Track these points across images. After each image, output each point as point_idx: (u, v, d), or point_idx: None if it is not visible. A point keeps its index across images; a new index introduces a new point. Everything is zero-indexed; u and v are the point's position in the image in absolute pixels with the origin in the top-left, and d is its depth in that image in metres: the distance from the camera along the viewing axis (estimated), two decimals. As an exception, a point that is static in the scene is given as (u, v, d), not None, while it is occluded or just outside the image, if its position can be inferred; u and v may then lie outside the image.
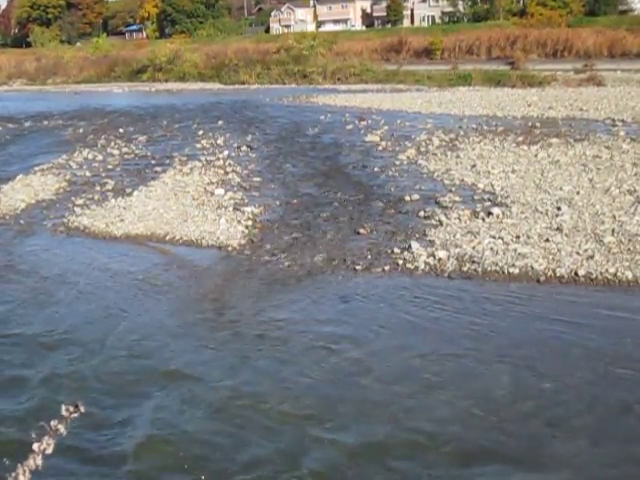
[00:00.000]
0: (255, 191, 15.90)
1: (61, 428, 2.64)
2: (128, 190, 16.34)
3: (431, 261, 10.49)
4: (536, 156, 17.96)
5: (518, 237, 11.23)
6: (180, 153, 21.58)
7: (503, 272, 9.95)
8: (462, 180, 15.70)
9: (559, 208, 12.70)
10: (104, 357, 7.87)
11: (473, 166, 17.14)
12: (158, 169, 19.00)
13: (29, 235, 13.35)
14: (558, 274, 9.73)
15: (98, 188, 16.84)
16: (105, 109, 39.80)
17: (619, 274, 9.57)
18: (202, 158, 20.20)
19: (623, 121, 23.98)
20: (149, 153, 22.19)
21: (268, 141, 24.06)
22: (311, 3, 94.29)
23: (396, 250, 11.06)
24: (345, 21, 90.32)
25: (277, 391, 6.94)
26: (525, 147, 19.34)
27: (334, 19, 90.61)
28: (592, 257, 10.17)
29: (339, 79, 56.40)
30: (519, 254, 10.45)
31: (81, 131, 29.22)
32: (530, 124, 24.59)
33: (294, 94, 45.06)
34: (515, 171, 16.18)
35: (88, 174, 18.86)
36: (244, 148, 22.19)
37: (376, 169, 17.81)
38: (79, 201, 15.50)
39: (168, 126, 29.74)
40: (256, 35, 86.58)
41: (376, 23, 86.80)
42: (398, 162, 18.57)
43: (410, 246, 11.09)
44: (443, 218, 12.59)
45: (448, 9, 79.45)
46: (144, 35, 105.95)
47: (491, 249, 10.74)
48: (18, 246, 12.64)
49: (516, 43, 56.58)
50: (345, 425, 6.33)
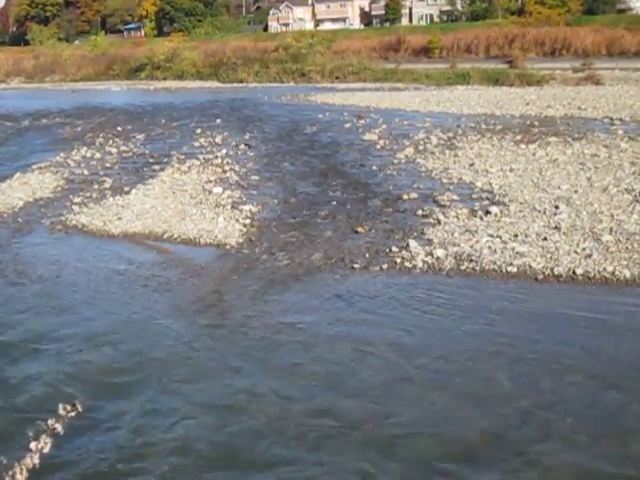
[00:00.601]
0: (253, 189, 15.89)
1: (58, 427, 2.63)
2: (126, 188, 16.32)
3: (429, 260, 10.49)
4: (534, 155, 17.96)
5: (516, 236, 11.23)
6: (178, 151, 21.56)
7: (501, 271, 9.95)
8: (460, 179, 15.70)
9: (557, 207, 12.70)
10: (99, 356, 7.85)
11: (471, 165, 17.14)
12: (156, 167, 18.99)
13: (27, 233, 13.33)
14: (556, 273, 9.74)
15: (96, 186, 16.82)
16: (103, 107, 39.79)
17: (617, 273, 9.58)
18: (200, 156, 20.19)
19: (621, 120, 24.01)
20: (147, 151, 22.17)
21: (266, 139, 24.05)
22: (309, 1, 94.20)
23: (394, 249, 11.06)
24: (343, 20, 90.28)
25: (275, 392, 6.92)
26: (523, 146, 19.34)
27: (332, 17, 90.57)
28: (590, 256, 10.18)
29: (337, 78, 56.44)
30: (517, 253, 10.46)
31: (79, 129, 29.20)
32: (528, 123, 24.61)
33: (292, 92, 45.05)
34: (513, 170, 16.18)
35: (86, 172, 18.84)
36: (242, 146, 22.18)
37: (374, 168, 17.81)
38: (77, 199, 15.48)
39: (166, 124, 29.72)
40: (254, 33, 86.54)
41: (374, 22, 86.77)
42: (396, 161, 18.57)
43: (408, 245, 11.09)
44: (441, 217, 12.59)
45: (446, 8, 79.44)
46: (142, 33, 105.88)
47: (489, 248, 10.74)
48: (15, 245, 12.62)
49: (514, 42, 56.61)
50: (346, 426, 6.33)
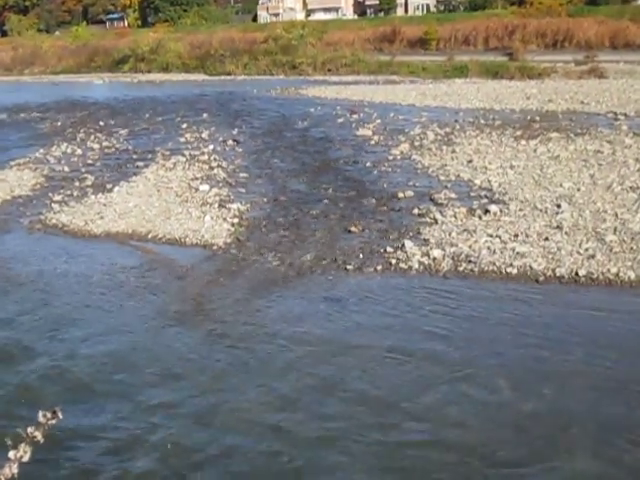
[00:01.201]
0: (241, 187, 15.88)
1: (38, 435, 2.61)
2: (108, 186, 16.29)
3: (425, 260, 10.51)
4: (535, 151, 18.01)
5: (516, 236, 11.26)
6: (163, 147, 21.54)
7: (501, 272, 9.97)
8: (458, 176, 15.73)
9: (559, 205, 12.74)
10: (77, 364, 7.82)
11: (469, 161, 17.17)
12: (140, 164, 18.96)
13: (4, 233, 13.29)
14: (558, 274, 9.76)
15: (77, 184, 16.79)
16: (85, 101, 39.71)
17: (621, 274, 9.61)
18: (186, 152, 20.17)
19: (626, 115, 24.08)
20: (130, 147, 22.14)
21: (255, 135, 24.05)
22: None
23: (389, 249, 11.07)
24: (336, 10, 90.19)
25: (264, 401, 6.92)
26: (524, 142, 19.39)
27: (324, 7, 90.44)
28: (593, 256, 10.21)
29: (330, 70, 56.43)
30: (517, 253, 10.48)
31: (59, 124, 29.13)
32: (529, 118, 24.67)
33: (282, 86, 45.04)
34: (513, 167, 16.21)
35: (67, 169, 18.80)
36: (230, 142, 22.17)
37: (368, 164, 17.82)
38: (57, 197, 15.44)
39: (150, 119, 29.68)
40: (243, 24, 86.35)
41: (368, 12, 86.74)
42: (391, 157, 18.59)
43: (404, 245, 11.11)
44: (438, 216, 12.61)
45: (444, -3, 79.51)
46: (126, 24, 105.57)
47: (488, 248, 10.77)
48: (-8, 245, 12.59)
49: (514, 33, 56.67)
50: (335, 437, 6.33)
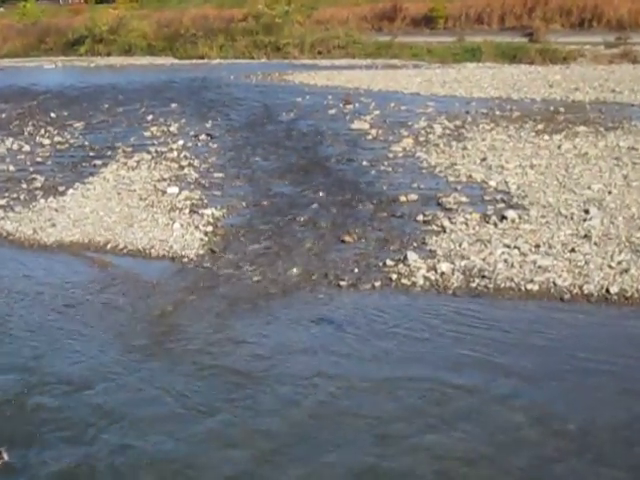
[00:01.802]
0: (217, 190, 15.87)
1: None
2: (61, 188, 16.25)
3: (432, 276, 10.51)
4: (559, 148, 18.04)
5: (538, 246, 11.27)
6: (125, 143, 21.49)
7: (519, 289, 9.98)
8: (470, 176, 15.74)
9: (587, 211, 12.76)
10: (24, 395, 7.79)
11: (483, 159, 17.19)
12: (98, 162, 18.91)
13: (-63, 243, 13.24)
14: (586, 291, 9.77)
15: (24, 185, 16.74)
16: (33, 89, 39.60)
17: (660, 291, 9.63)
18: (151, 149, 20.13)
19: (665, 106, 24.17)
20: (87, 143, 22.08)
21: (233, 128, 24.02)
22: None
23: (389, 262, 11.07)
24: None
25: (241, 439, 6.90)
26: (546, 137, 19.43)
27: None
28: (627, 271, 10.22)
29: (320, 53, 56.46)
30: (539, 267, 10.49)
31: (3, 116, 29.04)
32: (552, 109, 24.73)
33: (265, 71, 45.04)
34: (534, 166, 16.24)
35: (12, 168, 18.74)
36: (203, 137, 22.13)
37: (365, 163, 17.82)
38: (1, 202, 15.40)
39: (110, 110, 29.63)
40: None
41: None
42: (392, 154, 18.59)
43: (406, 257, 11.10)
44: (446, 223, 12.61)
45: (453, -32, 79.75)
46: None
47: (505, 261, 10.77)
48: None
49: (535, 10, 56.83)
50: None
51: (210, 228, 13.12)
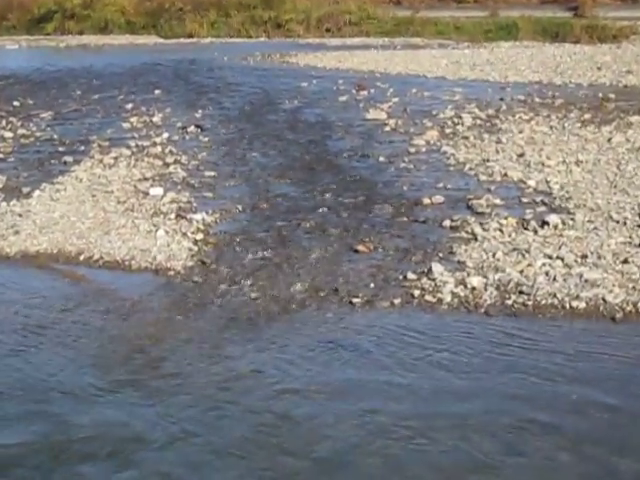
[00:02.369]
0: (208, 191, 15.87)
1: None
2: (25, 189, 16.23)
3: (461, 291, 10.48)
4: (610, 141, 18.02)
5: (585, 257, 11.24)
6: (100, 136, 21.52)
7: (564, 307, 9.95)
8: (505, 175, 15.74)
9: (643, 215, 12.76)
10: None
11: (520, 155, 17.18)
12: (69, 159, 18.92)
13: None
14: (642, 309, 9.76)
15: (-19, 186, 16.76)
16: (-7, 73, 39.72)
17: None
18: (132, 143, 20.14)
19: None
20: (56, 136, 22.11)
21: (226, 119, 24.06)
22: None
23: (411, 275, 11.05)
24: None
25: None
26: (594, 128, 19.43)
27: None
28: (691, 285, 10.19)
29: (328, 30, 56.53)
30: (586, 281, 10.46)
31: (-42, 105, 29.12)
32: (601, 95, 24.72)
33: (264, 51, 45.13)
34: (580, 162, 16.22)
35: (-33, 166, 18.77)
36: (192, 129, 22.17)
37: (382, 159, 17.82)
38: (-45, 205, 15.42)
39: (83, 97, 29.69)
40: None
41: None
42: (413, 149, 18.60)
43: (431, 270, 11.08)
44: (478, 230, 12.60)
45: None
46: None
47: (546, 274, 10.75)
48: None
49: (580, -20, 56.90)
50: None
51: (200, 236, 13.11)
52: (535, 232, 12.38)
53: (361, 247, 12.33)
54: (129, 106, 26.56)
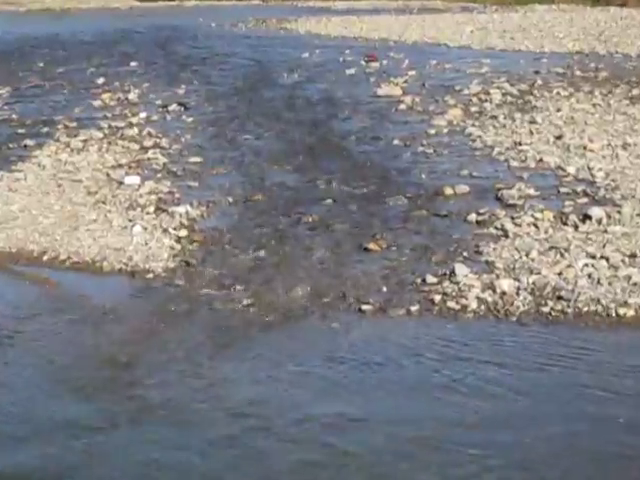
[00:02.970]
0: (193, 179, 15.87)
1: None
2: (-22, 178, 16.27)
3: (489, 297, 10.47)
4: (663, 121, 18.01)
5: (633, 256, 11.24)
6: (67, 116, 21.53)
7: (609, 314, 9.93)
8: (540, 160, 15.73)
9: (701, 208, 12.76)
10: None
11: (558, 137, 17.16)
12: (30, 143, 18.93)
13: None
14: (700, 318, 9.74)
15: None
16: (-59, 42, 39.75)
17: None
18: (103, 124, 20.16)
19: None
20: (14, 116, 22.13)
21: (214, 96, 24.05)
22: None
23: (430, 278, 11.04)
24: None
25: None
26: (645, 106, 19.40)
27: None
28: None
29: (334, -9, 56.58)
30: (635, 285, 10.45)
31: None
32: (653, 67, 24.68)
33: (258, 16, 45.14)
34: (628, 146, 16.20)
35: None
36: (174, 107, 22.18)
37: (396, 142, 17.82)
38: None
39: (47, 70, 29.71)
40: None
41: None
42: (433, 130, 18.59)
43: (454, 271, 11.07)
44: (509, 225, 12.58)
45: None
46: None
47: (589, 276, 10.74)
48: None
49: None
50: None
51: (184, 232, 13.11)
52: (575, 228, 12.38)
53: (372, 245, 12.32)
54: (100, 81, 26.57)
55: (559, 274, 10.86)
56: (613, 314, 9.93)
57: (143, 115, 21.05)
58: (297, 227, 13.32)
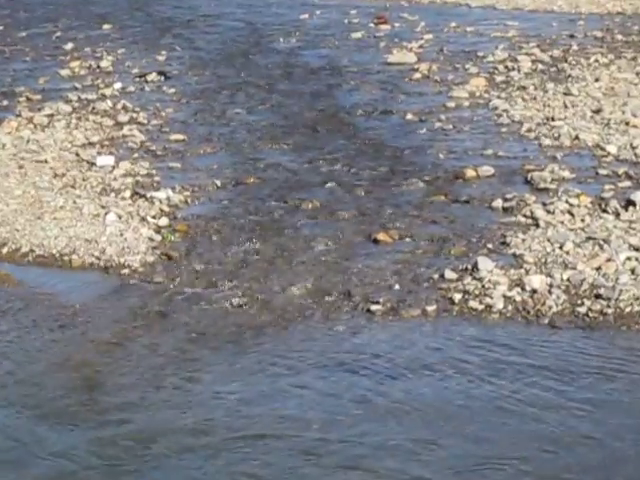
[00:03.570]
0: (175, 160, 15.86)
1: None
2: None
3: (517, 295, 10.48)
4: None
5: (684, 249, 11.25)
6: (29, 87, 21.49)
7: (656, 316, 9.95)
8: (576, 138, 15.70)
9: None
10: None
11: (597, 112, 17.14)
12: (-14, 118, 18.96)
13: None
14: None
15: None
16: None
17: None
18: (72, 96, 20.11)
19: None
20: (-31, 87, 22.14)
21: (200, 63, 24.02)
22: None
23: (449, 274, 11.05)
24: None
25: None
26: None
27: None
28: None
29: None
30: (686, 282, 10.46)
31: None
32: None
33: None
34: (677, 121, 16.22)
35: None
36: (153, 77, 22.12)
37: (410, 117, 17.80)
38: None
39: (6, 35, 29.66)
40: None
41: None
42: (453, 103, 18.56)
43: (476, 266, 11.07)
44: (539, 212, 12.57)
45: None
46: None
47: (632, 272, 10.74)
48: None
49: None
50: None
51: (165, 221, 13.11)
52: (617, 215, 12.37)
53: (382, 236, 12.32)
54: (68, 46, 26.49)
55: (597, 269, 10.87)
56: (660, 315, 9.96)
57: (118, 86, 21.00)
58: (295, 215, 13.32)
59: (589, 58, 21.69)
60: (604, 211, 12.55)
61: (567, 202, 12.86)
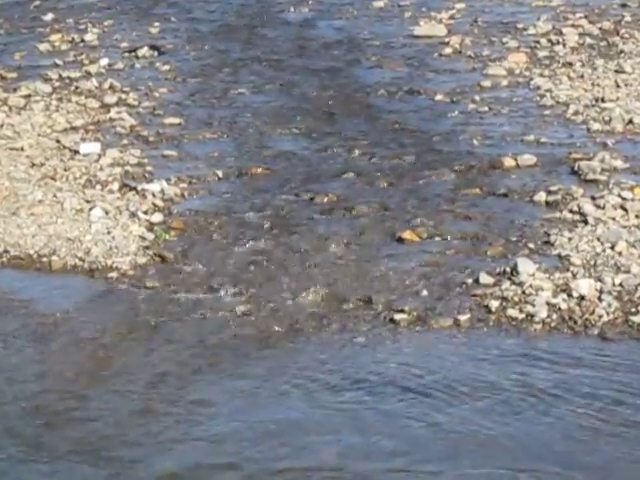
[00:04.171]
0: (170, 147, 15.88)
1: None
2: None
3: (562, 303, 10.46)
4: None
5: None
6: (3, 63, 21.56)
7: None
8: (630, 122, 15.70)
9: None
10: None
11: (654, 92, 17.17)
12: (-45, 99, 19.02)
13: None
14: None
15: None
16: None
17: None
18: (52, 74, 20.17)
19: None
20: None
21: (199, 36, 24.07)
22: None
23: (484, 278, 11.04)
24: None
25: None
26: None
27: None
28: None
29: None
30: None
31: None
32: None
33: None
34: None
35: None
36: (145, 52, 22.17)
37: (439, 97, 17.81)
38: None
39: (-24, 3, 29.81)
40: None
41: None
42: (488, 82, 18.56)
43: (516, 269, 11.06)
44: (588, 207, 12.56)
45: None
46: None
47: (696, 276, 10.73)
48: None
49: None
50: None
51: (158, 217, 13.14)
52: (677, 211, 12.38)
53: (408, 234, 12.32)
54: (48, 17, 26.57)
55: (655, 273, 10.87)
56: None
57: (104, 62, 21.03)
58: (308, 210, 13.33)
59: (645, 31, 21.72)
60: (662, 207, 12.57)
61: (619, 195, 12.84)
